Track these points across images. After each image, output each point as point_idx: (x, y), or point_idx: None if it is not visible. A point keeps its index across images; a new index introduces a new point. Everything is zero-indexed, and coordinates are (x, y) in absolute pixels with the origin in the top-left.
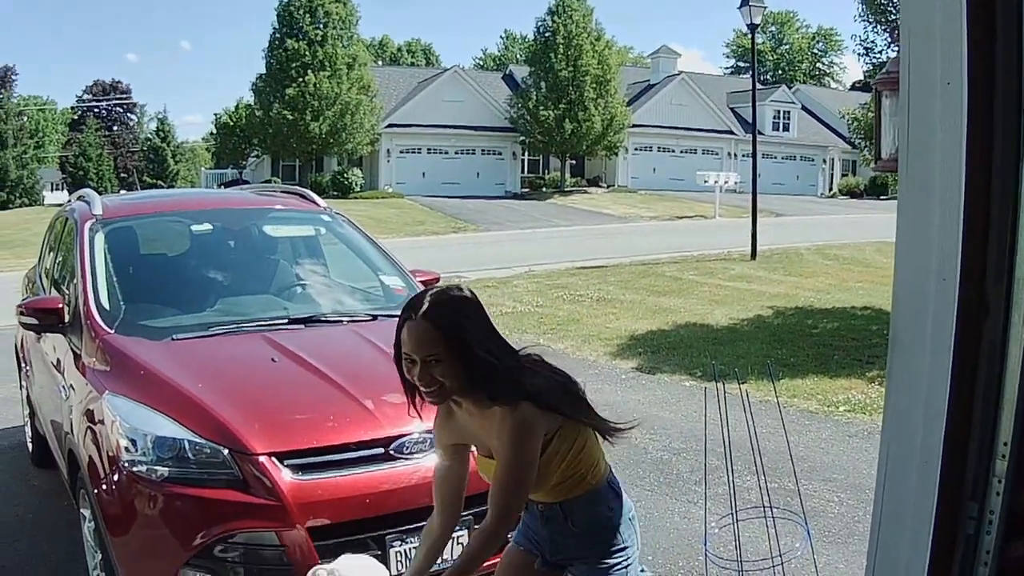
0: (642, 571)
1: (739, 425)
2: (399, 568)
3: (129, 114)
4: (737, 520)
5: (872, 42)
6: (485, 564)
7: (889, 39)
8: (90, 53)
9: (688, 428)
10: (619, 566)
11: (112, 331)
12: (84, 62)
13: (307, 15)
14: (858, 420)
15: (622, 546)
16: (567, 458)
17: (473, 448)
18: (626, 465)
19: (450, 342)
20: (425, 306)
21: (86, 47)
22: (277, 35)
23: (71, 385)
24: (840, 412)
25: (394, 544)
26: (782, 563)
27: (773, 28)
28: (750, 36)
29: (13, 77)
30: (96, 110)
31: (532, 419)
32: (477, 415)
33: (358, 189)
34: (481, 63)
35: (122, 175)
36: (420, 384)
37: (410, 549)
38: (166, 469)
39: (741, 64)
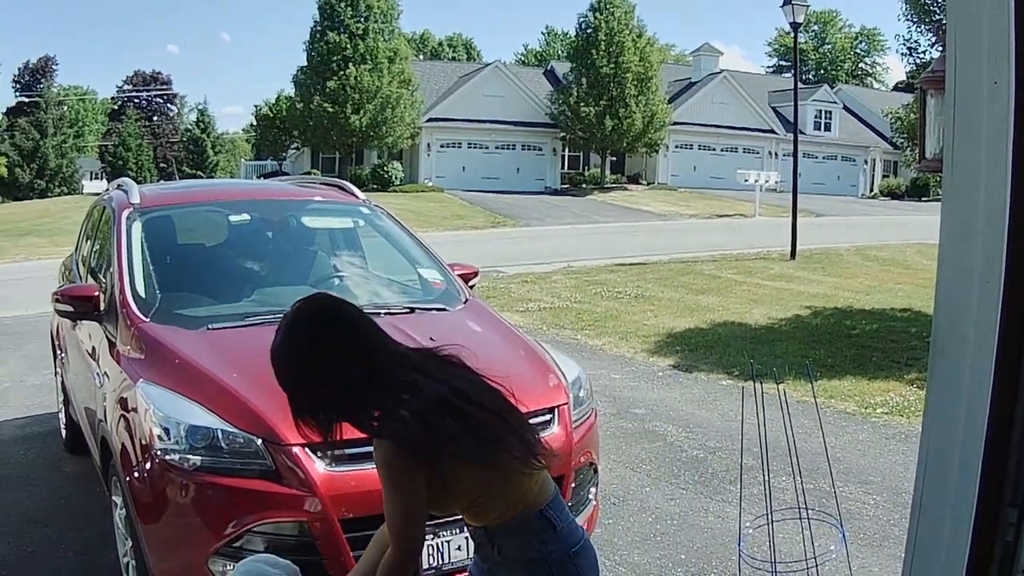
0: None
1: (775, 425)
2: (429, 563)
3: (169, 105)
4: (772, 520)
5: (916, 42)
6: None
7: (933, 39)
8: (131, 44)
9: (724, 427)
10: None
11: (147, 319)
12: (125, 53)
13: (348, 8)
14: (896, 423)
15: None
16: (465, 487)
17: None
18: (661, 463)
19: (288, 384)
20: (274, 341)
21: (127, 38)
22: (318, 28)
23: (105, 373)
24: (878, 414)
25: (426, 537)
26: (816, 565)
27: (816, 27)
28: (792, 35)
29: (53, 67)
30: (136, 100)
31: (393, 459)
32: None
33: (398, 182)
34: (523, 59)
35: (161, 165)
36: (295, 416)
37: (442, 543)
38: (199, 458)
39: (783, 63)
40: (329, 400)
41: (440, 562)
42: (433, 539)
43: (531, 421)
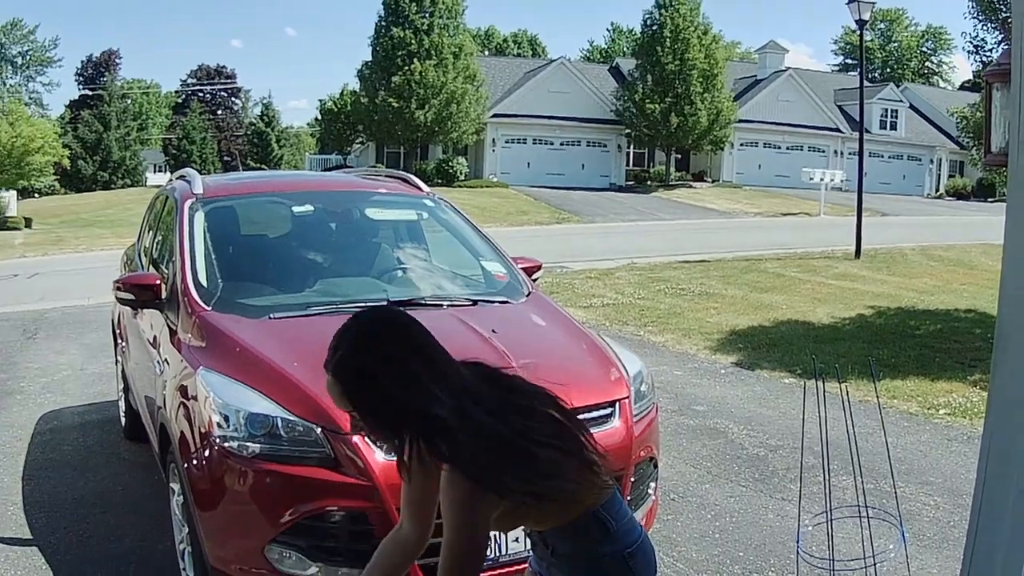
0: None
1: (837, 424)
2: (508, 549)
3: (233, 98)
4: (831, 519)
5: (982, 40)
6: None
7: (1000, 36)
8: (194, 38)
9: (786, 425)
10: None
11: (209, 308)
12: (188, 47)
13: (413, 4)
14: (958, 424)
15: None
16: (529, 513)
17: None
18: (722, 460)
19: (356, 402)
20: (335, 356)
21: (190, 32)
22: (383, 23)
23: (165, 360)
24: (940, 415)
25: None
26: (875, 564)
27: (882, 25)
28: (858, 33)
29: (117, 60)
30: (200, 94)
31: (467, 494)
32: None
33: (462, 178)
34: (588, 55)
35: (225, 158)
36: (355, 433)
37: (499, 534)
38: (258, 445)
39: (849, 61)
40: (395, 418)
41: (497, 553)
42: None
43: (591, 415)
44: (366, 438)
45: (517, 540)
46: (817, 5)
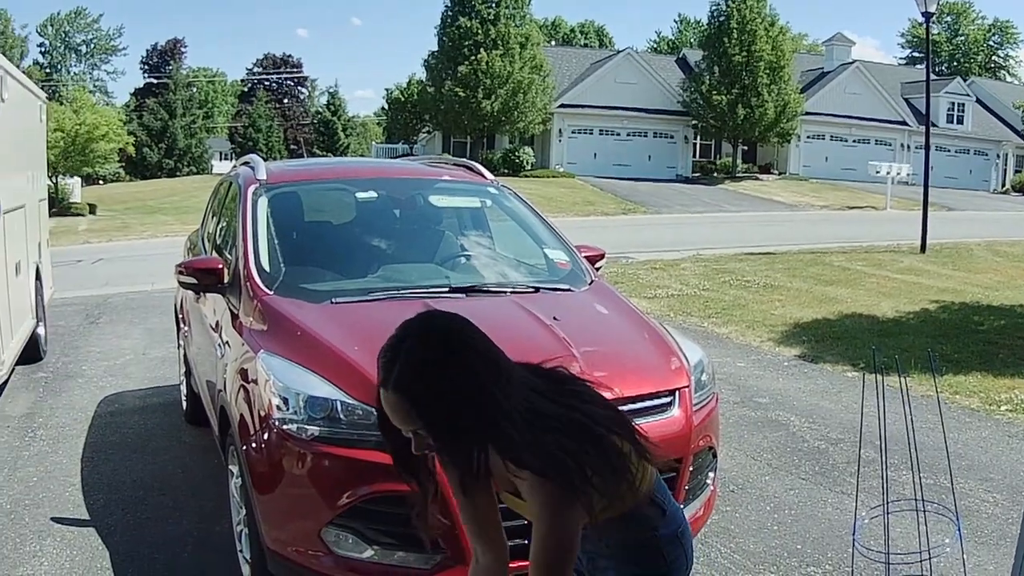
0: None
1: (898, 418)
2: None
3: (300, 87)
4: (888, 512)
5: None
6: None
7: None
8: (260, 27)
9: (847, 419)
10: None
11: (271, 292)
12: (254, 36)
13: None
14: (1020, 421)
15: (664, 568)
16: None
17: None
18: (783, 453)
19: (427, 417)
20: (394, 372)
21: (256, 21)
22: (449, 13)
23: (227, 343)
24: (1002, 411)
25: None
26: (930, 559)
27: (948, 18)
28: (925, 26)
29: (182, 49)
30: (266, 83)
31: (554, 497)
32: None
33: (529, 168)
34: (655, 46)
35: (292, 147)
36: (418, 452)
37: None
38: (317, 428)
39: (916, 54)
40: (467, 429)
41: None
42: None
43: (651, 403)
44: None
45: None
46: None
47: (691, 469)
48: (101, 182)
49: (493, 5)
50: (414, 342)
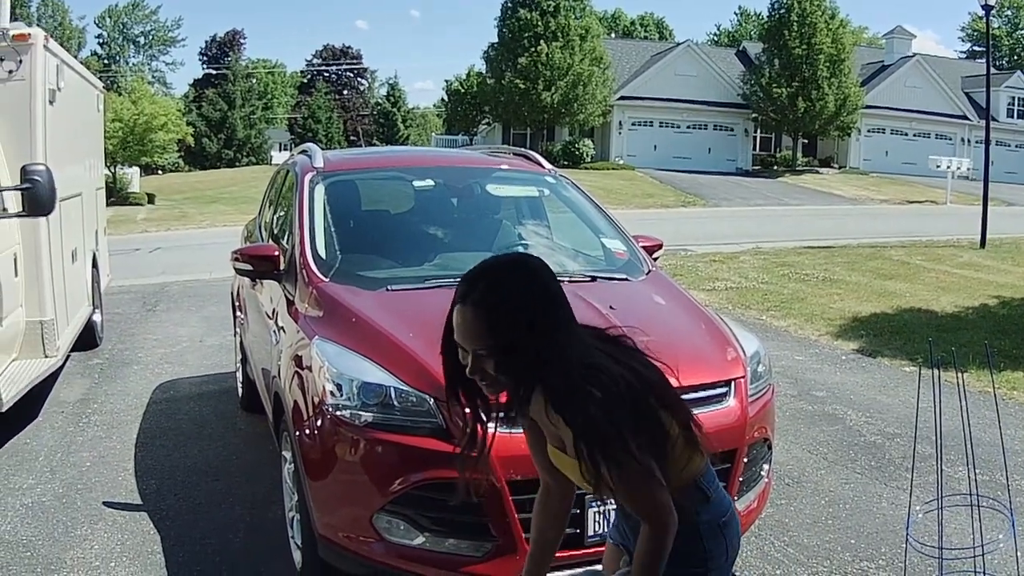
0: None
1: (955, 414)
2: (595, 529)
3: (359, 79)
4: (942, 507)
5: None
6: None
7: None
8: (319, 19)
9: (905, 414)
10: None
11: (326, 279)
12: (313, 27)
13: None
14: None
15: (701, 555)
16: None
17: None
18: (839, 447)
19: (498, 338)
20: (478, 289)
21: (315, 13)
22: (509, 5)
23: (282, 329)
24: None
25: (593, 504)
26: (983, 554)
27: (1009, 12)
28: (985, 19)
29: (241, 40)
30: (326, 74)
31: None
32: (542, 406)
33: (589, 160)
34: (714, 39)
35: (351, 138)
36: (471, 375)
37: (609, 510)
38: (370, 415)
39: (976, 48)
40: (530, 361)
41: (605, 530)
42: (600, 506)
43: (706, 393)
44: (482, 382)
45: (598, 521)
46: None
47: (745, 460)
48: (160, 172)
49: None
50: (502, 269)
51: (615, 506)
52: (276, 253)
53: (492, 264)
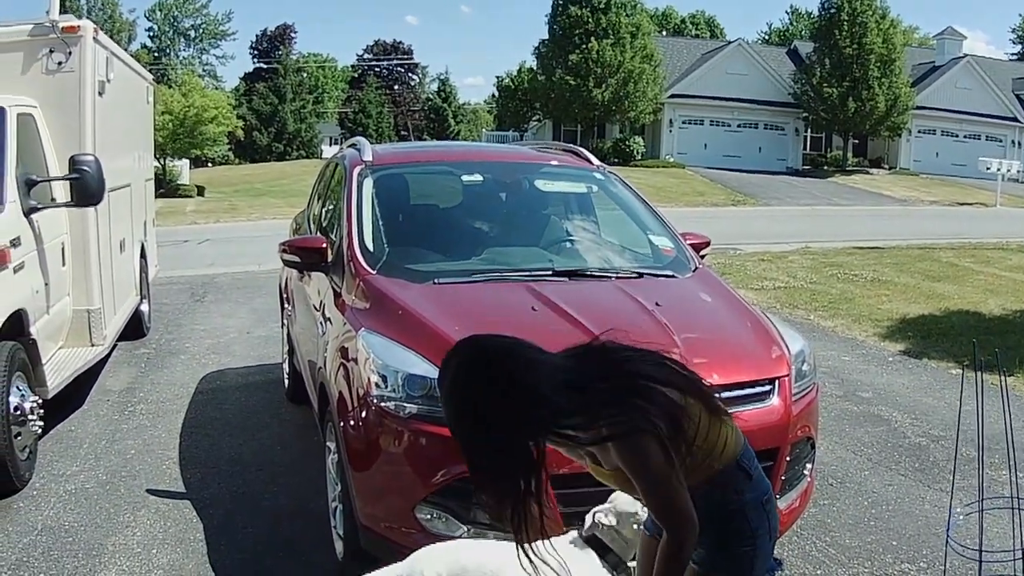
0: (775, 562)
1: (1000, 416)
2: None
3: (410, 74)
4: (983, 509)
5: None
6: None
7: None
8: (369, 14)
9: (950, 416)
10: (742, 556)
11: (374, 272)
12: (363, 22)
13: None
14: None
15: (749, 533)
16: (680, 452)
17: None
18: (883, 448)
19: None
20: (448, 411)
21: (365, 8)
22: (560, 1)
23: (328, 320)
24: None
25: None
26: (1023, 558)
27: None
28: None
29: (292, 35)
30: (377, 69)
31: (650, 447)
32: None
33: (639, 157)
34: (765, 37)
35: (402, 133)
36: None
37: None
38: (415, 406)
39: None
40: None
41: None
42: None
43: (750, 391)
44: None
45: None
46: None
47: (788, 459)
48: (210, 164)
49: None
50: (451, 390)
51: None
52: (324, 245)
53: (452, 369)
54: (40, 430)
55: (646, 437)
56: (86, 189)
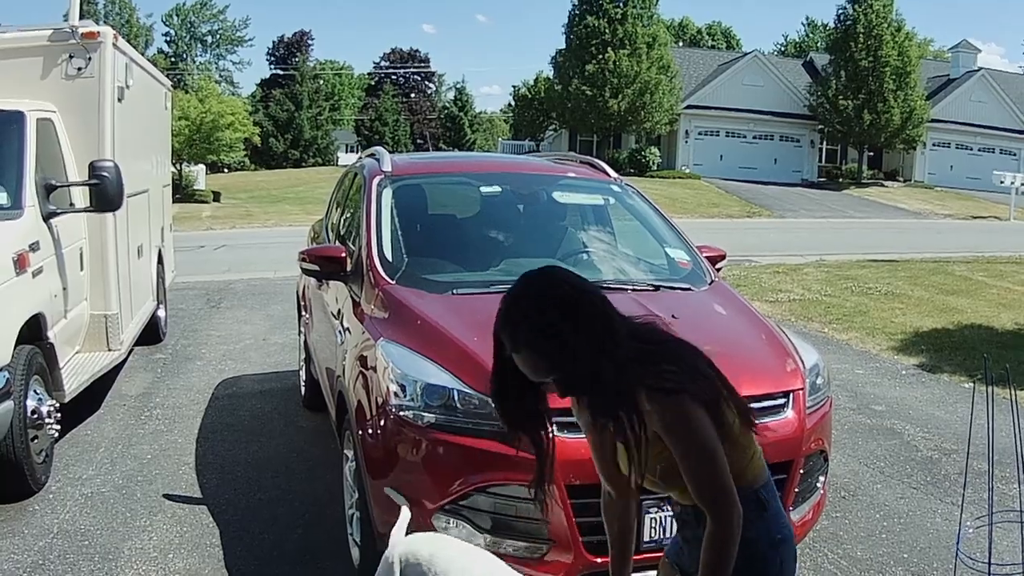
0: None
1: (1011, 430)
2: (651, 535)
3: (427, 82)
4: (992, 523)
5: None
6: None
7: None
8: (386, 22)
9: (962, 430)
10: None
11: (393, 281)
12: (380, 30)
13: None
14: None
15: (758, 570)
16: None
17: None
18: (895, 461)
19: (560, 365)
20: (521, 330)
21: (381, 16)
22: (576, 12)
23: (347, 330)
24: None
25: (650, 511)
26: None
27: None
28: None
29: (309, 42)
30: (393, 77)
31: (692, 409)
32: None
33: (654, 168)
34: (782, 49)
35: (418, 141)
36: (563, 396)
37: (665, 517)
38: (433, 416)
39: None
40: (592, 368)
41: (661, 535)
42: (657, 512)
43: (765, 404)
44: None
45: (654, 527)
46: (1010, 2)
47: (801, 472)
48: (226, 170)
49: (621, 4)
50: (531, 304)
51: (672, 514)
52: (343, 254)
53: (521, 294)
54: (56, 434)
55: (697, 404)
56: (105, 194)
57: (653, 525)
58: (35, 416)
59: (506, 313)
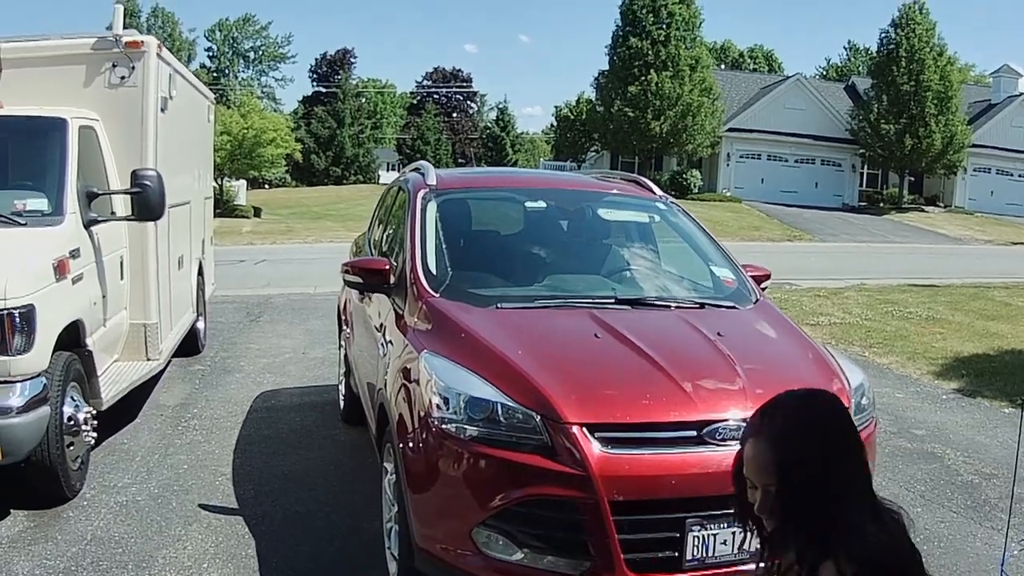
0: None
1: None
2: (694, 553)
3: (469, 102)
4: None
5: None
6: None
7: None
8: (429, 41)
9: (1002, 455)
10: None
11: (436, 295)
12: (423, 49)
13: (650, 15)
14: None
15: None
16: None
17: None
18: (935, 485)
19: (788, 475)
20: (776, 423)
21: (424, 36)
22: (620, 33)
23: (390, 342)
24: None
25: (693, 529)
26: None
27: None
28: None
29: (351, 59)
30: (435, 96)
31: None
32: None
33: (696, 190)
34: (823, 72)
35: (459, 160)
36: (759, 513)
37: (708, 535)
38: (476, 429)
39: None
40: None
41: (704, 554)
42: (701, 531)
43: None
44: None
45: (725, 543)
46: None
47: None
48: (267, 186)
49: (664, 26)
50: (795, 407)
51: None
52: (386, 267)
53: (787, 398)
54: (93, 441)
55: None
56: (147, 204)
57: (696, 543)
58: (71, 423)
59: (776, 404)
